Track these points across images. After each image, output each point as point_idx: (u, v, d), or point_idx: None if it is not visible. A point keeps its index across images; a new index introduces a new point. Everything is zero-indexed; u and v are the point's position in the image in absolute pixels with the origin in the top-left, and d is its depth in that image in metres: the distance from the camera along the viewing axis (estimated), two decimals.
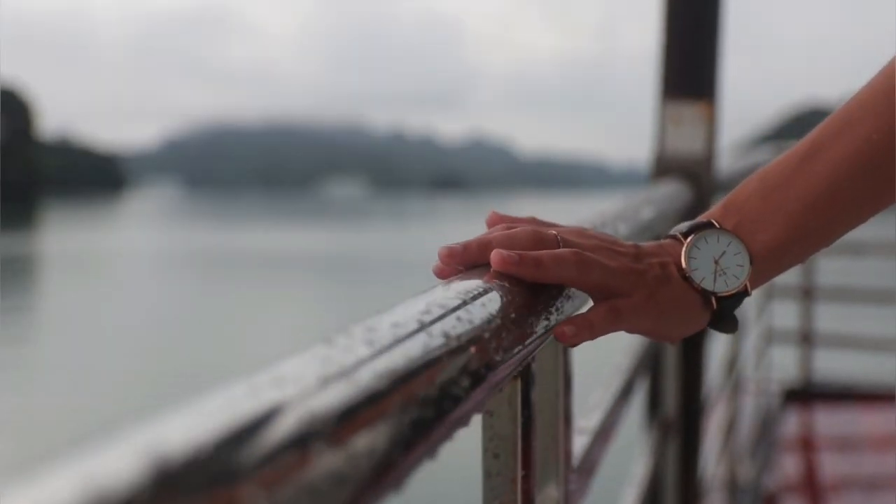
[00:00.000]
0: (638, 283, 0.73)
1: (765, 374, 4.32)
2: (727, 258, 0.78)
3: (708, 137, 2.06)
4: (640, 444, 1.85)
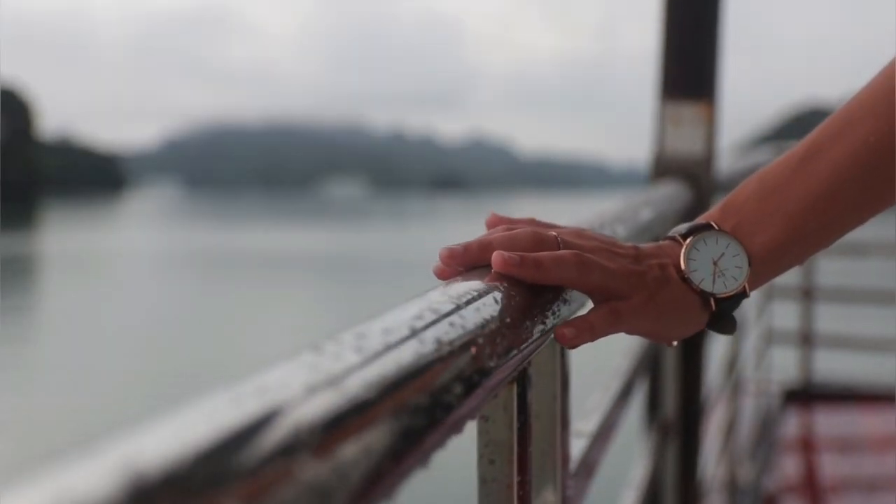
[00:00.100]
0: (638, 285, 0.73)
1: (765, 375, 4.31)
2: (726, 260, 0.78)
3: (707, 138, 2.05)
4: (640, 447, 1.84)
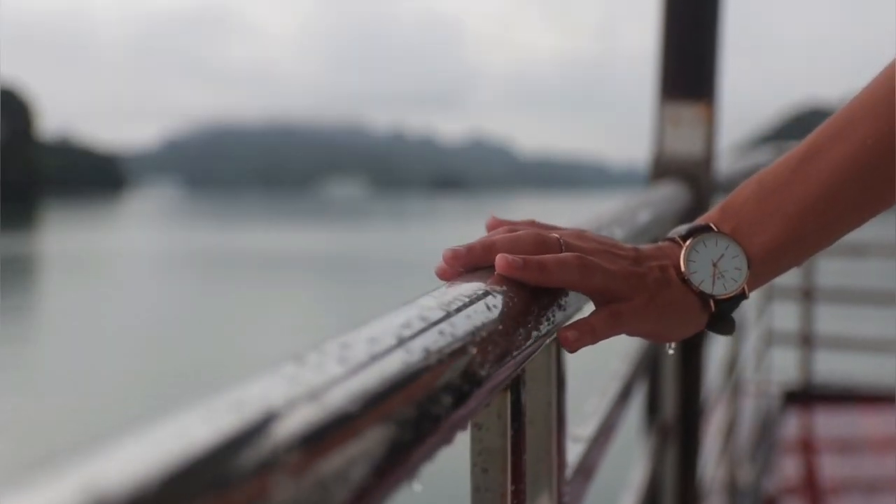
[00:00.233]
0: (638, 287, 0.74)
1: (765, 376, 4.30)
2: (725, 261, 0.78)
3: (707, 139, 2.04)
4: (639, 449, 1.83)
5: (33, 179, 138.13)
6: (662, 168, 2.03)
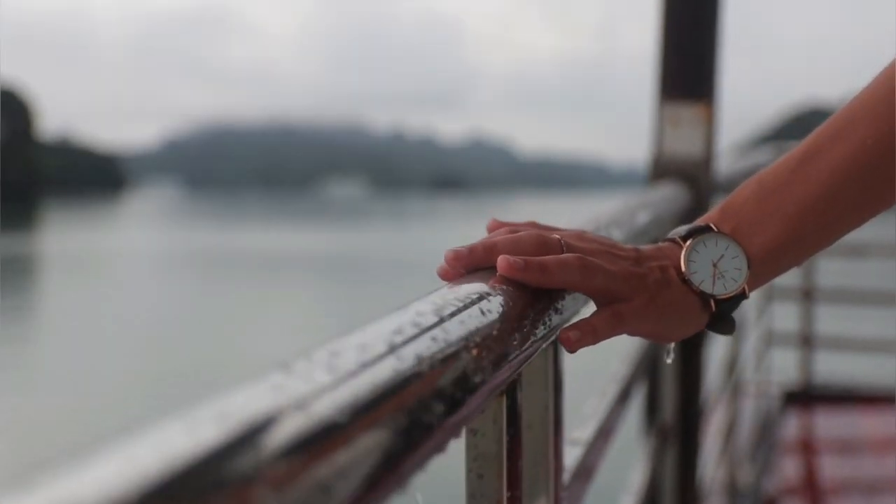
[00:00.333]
0: (639, 287, 0.74)
1: (765, 377, 4.29)
2: (725, 261, 0.79)
3: (706, 139, 2.03)
4: (638, 451, 1.82)
5: (33, 179, 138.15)
6: (662, 168, 2.03)
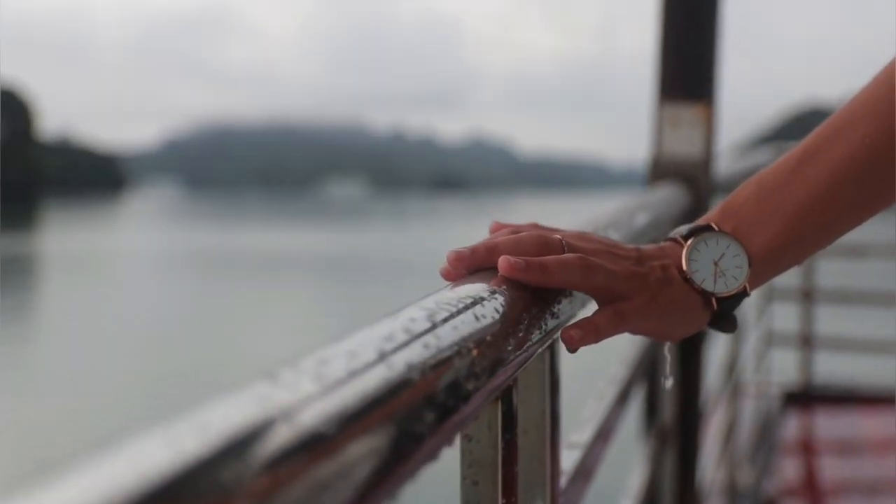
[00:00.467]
0: (641, 286, 0.75)
1: (765, 377, 4.28)
2: (726, 260, 0.79)
3: (706, 140, 2.02)
4: (637, 454, 1.81)
5: (33, 179, 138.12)
6: (661, 169, 2.01)
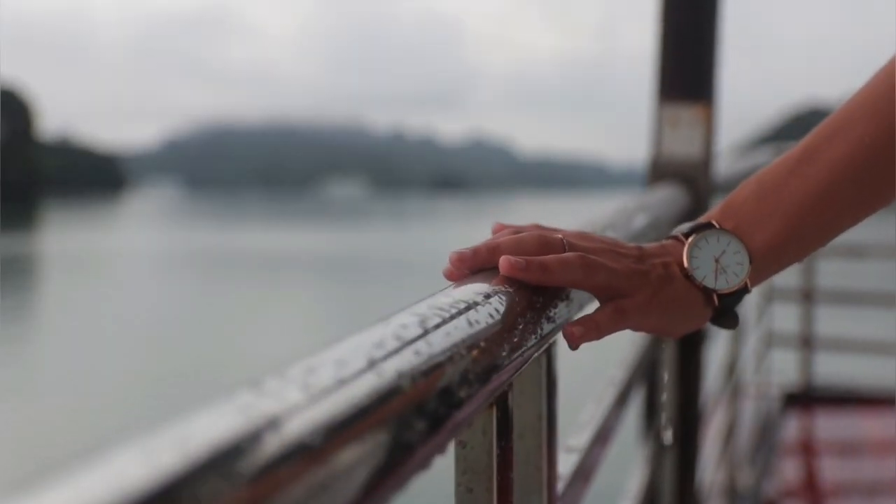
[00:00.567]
0: (642, 283, 0.75)
1: (765, 378, 4.27)
2: (727, 257, 0.80)
3: (705, 140, 2.01)
4: (636, 457, 1.80)
5: (33, 179, 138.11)
6: (660, 170, 2.00)
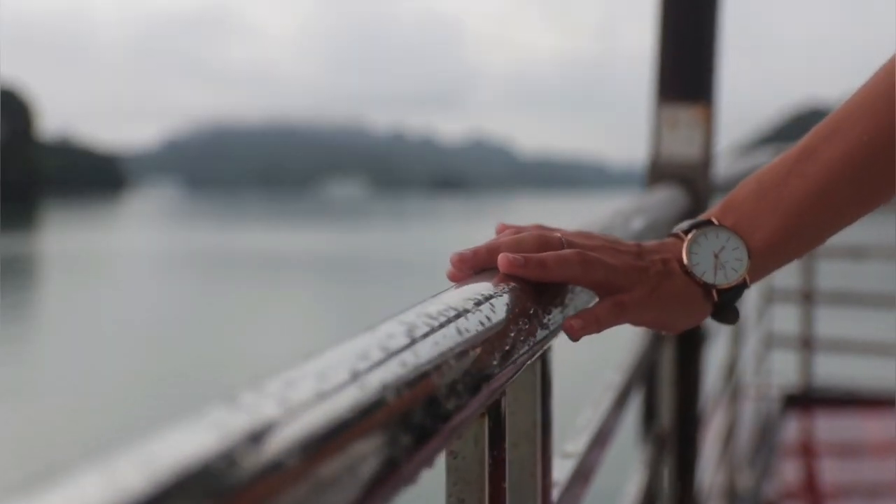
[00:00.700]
0: (641, 279, 0.76)
1: (764, 380, 4.26)
2: (726, 253, 0.81)
3: (704, 141, 2.00)
4: (634, 460, 1.79)
5: (33, 179, 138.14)
6: (659, 171, 1.99)
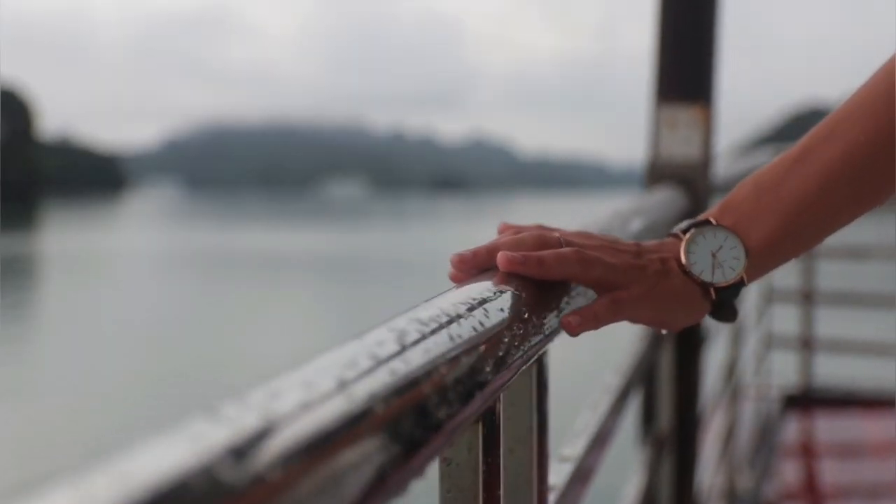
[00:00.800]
0: (639, 277, 0.76)
1: (764, 380, 4.25)
2: (724, 252, 0.82)
3: (704, 141, 1.99)
4: (634, 461, 1.78)
5: (33, 179, 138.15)
6: (658, 172, 1.98)
